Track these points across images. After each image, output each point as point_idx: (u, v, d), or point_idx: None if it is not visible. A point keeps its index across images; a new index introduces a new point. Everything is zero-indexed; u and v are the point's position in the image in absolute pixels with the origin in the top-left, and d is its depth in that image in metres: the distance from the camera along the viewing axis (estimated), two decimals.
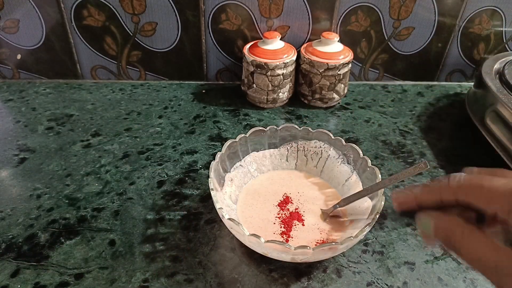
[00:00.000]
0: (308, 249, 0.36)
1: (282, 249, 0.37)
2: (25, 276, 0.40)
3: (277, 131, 0.51)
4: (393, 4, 0.67)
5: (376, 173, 0.43)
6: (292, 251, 0.36)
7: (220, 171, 0.46)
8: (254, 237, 0.36)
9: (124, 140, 0.59)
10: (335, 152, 0.50)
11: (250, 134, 0.49)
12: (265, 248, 0.37)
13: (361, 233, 0.37)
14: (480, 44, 0.73)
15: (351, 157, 0.48)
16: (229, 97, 0.71)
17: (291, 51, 0.65)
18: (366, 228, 0.37)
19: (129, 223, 0.46)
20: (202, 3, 0.65)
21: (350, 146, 0.47)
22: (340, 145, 0.49)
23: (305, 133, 0.51)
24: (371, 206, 0.42)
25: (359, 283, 0.41)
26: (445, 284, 0.41)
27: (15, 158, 0.55)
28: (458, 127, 0.65)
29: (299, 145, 0.51)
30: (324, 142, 0.50)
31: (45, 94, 0.69)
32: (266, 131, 0.50)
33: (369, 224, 0.38)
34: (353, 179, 0.47)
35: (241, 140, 0.49)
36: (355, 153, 0.47)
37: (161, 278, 0.40)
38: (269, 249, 0.37)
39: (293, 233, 0.43)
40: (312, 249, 0.36)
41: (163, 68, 0.73)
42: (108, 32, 0.67)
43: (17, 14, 0.65)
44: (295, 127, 0.50)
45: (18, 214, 0.47)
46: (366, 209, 0.43)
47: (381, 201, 0.40)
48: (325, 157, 0.50)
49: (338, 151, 0.49)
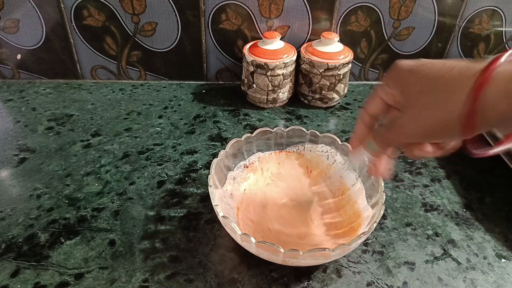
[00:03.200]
0: (298, 253, 0.35)
1: (273, 251, 0.36)
2: (25, 276, 0.40)
3: (283, 133, 0.50)
4: (393, 4, 0.67)
5: (379, 181, 0.42)
6: (282, 253, 0.36)
7: (222, 168, 0.46)
8: (246, 237, 0.36)
9: (124, 140, 0.59)
10: (342, 158, 0.49)
11: (256, 134, 0.49)
12: (256, 249, 0.37)
13: (354, 242, 0.36)
14: (480, 44, 0.73)
15: (356, 163, 0.47)
16: (229, 97, 0.71)
17: (291, 51, 0.65)
18: (362, 237, 0.37)
19: (129, 223, 0.46)
20: (202, 3, 0.65)
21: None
22: (346, 151, 0.48)
23: (313, 136, 0.50)
24: (371, 215, 0.42)
25: (359, 283, 0.41)
26: (445, 284, 0.41)
27: (15, 158, 0.55)
28: None
29: (306, 148, 0.51)
30: (331, 147, 0.49)
31: (45, 94, 0.69)
32: (273, 132, 0.50)
33: (364, 233, 0.37)
34: (357, 187, 0.46)
35: (247, 139, 0.49)
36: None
37: (161, 278, 0.40)
38: (260, 250, 0.37)
39: (297, 236, 0.43)
40: (302, 253, 0.35)
41: (163, 68, 0.73)
42: (108, 32, 0.67)
43: (17, 14, 0.65)
44: (302, 129, 0.50)
45: (18, 214, 0.47)
46: (367, 217, 0.42)
47: (380, 211, 0.39)
48: (331, 162, 0.50)
49: (344, 157, 0.48)
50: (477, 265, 0.43)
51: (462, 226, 0.48)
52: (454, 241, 0.46)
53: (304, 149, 0.51)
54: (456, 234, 0.46)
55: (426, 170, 0.56)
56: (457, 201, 0.51)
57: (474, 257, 0.44)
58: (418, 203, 0.50)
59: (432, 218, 0.48)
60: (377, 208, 0.41)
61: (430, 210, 0.49)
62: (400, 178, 0.54)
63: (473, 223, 0.48)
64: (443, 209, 0.50)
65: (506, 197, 0.52)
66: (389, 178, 0.44)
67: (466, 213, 0.49)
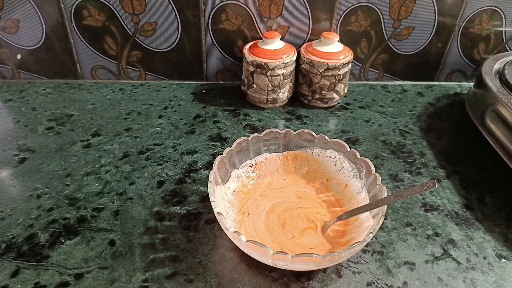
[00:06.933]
0: (287, 256, 0.35)
1: (262, 252, 0.36)
2: (25, 276, 0.40)
3: (292, 135, 0.50)
4: (393, 4, 0.67)
5: (383, 191, 0.42)
6: (271, 255, 0.35)
7: (226, 166, 0.46)
8: (237, 235, 0.36)
9: (124, 140, 0.59)
10: (349, 165, 0.48)
11: (264, 134, 0.49)
12: (248, 248, 0.37)
13: (347, 250, 0.36)
14: (480, 44, 0.73)
15: (363, 172, 0.46)
16: (229, 97, 0.71)
17: (291, 51, 0.65)
18: (356, 246, 0.36)
19: (129, 223, 0.46)
20: (202, 3, 0.65)
21: (364, 160, 0.46)
22: (353, 158, 0.47)
23: (322, 141, 0.49)
24: (371, 225, 0.41)
25: (359, 283, 0.41)
26: (445, 284, 0.41)
27: (15, 158, 0.55)
28: (458, 127, 0.65)
29: (314, 152, 0.50)
30: (339, 153, 0.49)
31: (45, 94, 0.69)
32: (281, 134, 0.49)
33: (359, 243, 0.36)
34: (362, 196, 0.46)
35: (253, 139, 0.48)
36: (368, 168, 0.45)
37: (161, 278, 0.40)
38: (251, 250, 0.37)
39: (294, 241, 0.43)
40: (291, 256, 0.35)
41: (163, 68, 0.73)
42: (108, 32, 0.67)
43: (17, 14, 0.65)
44: (312, 133, 0.49)
45: (18, 214, 0.47)
46: (366, 227, 0.42)
47: (379, 222, 0.39)
48: (338, 169, 0.49)
49: (352, 164, 0.48)
50: (477, 265, 0.43)
51: (462, 226, 0.48)
52: (454, 241, 0.46)
53: (312, 153, 0.51)
54: (456, 234, 0.46)
55: (426, 170, 0.56)
56: (457, 201, 0.51)
57: (474, 257, 0.44)
58: (418, 203, 0.50)
59: (432, 218, 0.48)
60: (376, 219, 0.40)
61: (430, 210, 0.49)
62: (400, 178, 0.54)
63: (473, 223, 0.48)
64: (443, 209, 0.50)
65: (506, 197, 0.52)
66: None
67: (466, 213, 0.49)
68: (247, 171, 0.50)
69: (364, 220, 0.43)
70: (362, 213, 0.43)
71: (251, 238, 0.41)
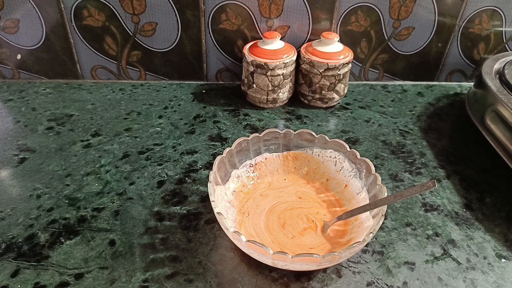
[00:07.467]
0: (287, 256, 0.35)
1: (262, 252, 0.36)
2: (25, 276, 0.40)
3: (292, 135, 0.50)
4: (393, 4, 0.67)
5: (383, 191, 0.42)
6: (271, 255, 0.35)
7: (226, 166, 0.46)
8: (237, 235, 0.36)
9: (124, 140, 0.59)
10: (349, 165, 0.48)
11: (264, 134, 0.49)
12: (248, 248, 0.37)
13: (347, 250, 0.36)
14: (480, 44, 0.73)
15: (363, 172, 0.46)
16: (229, 97, 0.71)
17: (291, 51, 0.65)
18: (356, 246, 0.36)
19: (129, 223, 0.46)
20: (202, 3, 0.65)
21: (364, 160, 0.46)
22: (353, 158, 0.47)
23: (322, 141, 0.49)
24: (371, 225, 0.41)
25: (359, 283, 0.41)
26: (445, 284, 0.41)
27: (15, 158, 0.55)
28: (458, 127, 0.65)
29: (314, 152, 0.50)
30: (339, 153, 0.49)
31: (45, 94, 0.69)
32: (281, 134, 0.49)
33: (359, 243, 0.36)
34: (362, 196, 0.46)
35: (253, 139, 0.48)
36: (368, 168, 0.45)
37: (161, 278, 0.40)
38: (251, 250, 0.37)
39: (294, 241, 0.43)
40: (291, 256, 0.35)
41: (163, 68, 0.73)
42: (108, 32, 0.67)
43: (17, 14, 0.65)
44: (312, 133, 0.49)
45: (18, 214, 0.47)
46: (366, 227, 0.42)
47: (379, 222, 0.38)
48: (338, 169, 0.49)
49: (352, 164, 0.48)
50: (477, 265, 0.43)
51: (462, 226, 0.48)
52: (454, 241, 0.46)
53: (312, 153, 0.51)
54: (456, 234, 0.46)
55: (426, 170, 0.56)
56: (457, 201, 0.51)
57: (474, 257, 0.44)
58: (418, 203, 0.50)
59: (432, 218, 0.48)
60: (376, 219, 0.40)
61: (430, 210, 0.49)
62: (400, 178, 0.54)
63: (473, 223, 0.48)
64: (443, 209, 0.50)
65: (506, 197, 0.52)
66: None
67: (466, 213, 0.49)
68: (247, 171, 0.50)
69: (364, 220, 0.43)
70: (362, 213, 0.43)
71: (251, 238, 0.41)
